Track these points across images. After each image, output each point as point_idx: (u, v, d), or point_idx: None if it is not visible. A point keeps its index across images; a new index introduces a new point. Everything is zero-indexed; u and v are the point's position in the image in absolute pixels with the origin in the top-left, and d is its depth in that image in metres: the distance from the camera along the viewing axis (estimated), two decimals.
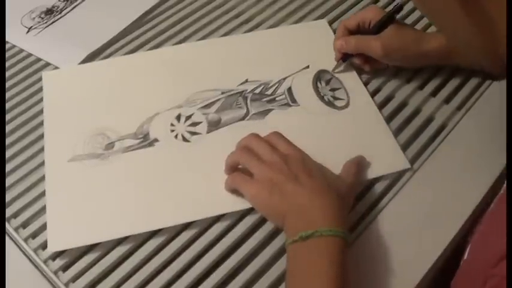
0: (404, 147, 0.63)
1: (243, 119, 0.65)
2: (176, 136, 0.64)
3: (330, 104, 0.67)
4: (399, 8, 0.67)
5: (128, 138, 0.63)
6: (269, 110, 0.66)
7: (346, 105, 0.67)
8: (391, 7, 0.68)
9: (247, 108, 0.66)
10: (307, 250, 0.50)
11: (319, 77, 0.69)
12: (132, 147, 0.62)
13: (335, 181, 0.56)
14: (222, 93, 0.68)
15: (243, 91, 0.68)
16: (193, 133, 0.64)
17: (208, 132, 0.64)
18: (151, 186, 0.59)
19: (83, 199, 0.58)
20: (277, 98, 0.67)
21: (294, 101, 0.67)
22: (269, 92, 0.68)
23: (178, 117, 0.65)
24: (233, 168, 0.58)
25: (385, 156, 0.62)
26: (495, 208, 0.52)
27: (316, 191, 0.53)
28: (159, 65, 0.71)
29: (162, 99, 0.67)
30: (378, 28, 0.66)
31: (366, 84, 0.69)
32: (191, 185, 0.59)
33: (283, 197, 0.53)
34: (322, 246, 0.49)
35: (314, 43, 0.74)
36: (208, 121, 0.65)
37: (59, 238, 0.55)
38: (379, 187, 0.60)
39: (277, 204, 0.53)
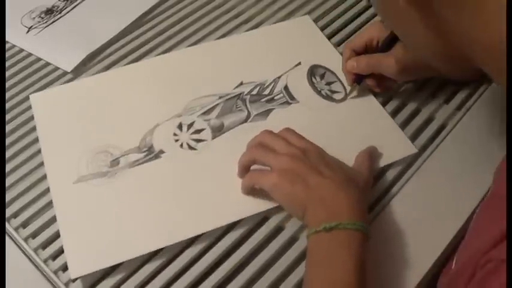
0: None
1: (245, 121, 0.65)
2: (181, 145, 0.63)
3: (328, 97, 0.67)
4: None
5: (133, 153, 0.62)
6: (270, 110, 0.66)
7: (344, 98, 0.67)
8: None
9: (248, 110, 0.66)
10: (328, 241, 0.50)
11: (313, 72, 0.70)
12: (138, 162, 0.61)
13: (354, 175, 0.56)
14: (220, 97, 0.67)
15: (240, 94, 0.68)
16: (198, 140, 0.63)
17: (213, 138, 0.63)
18: (165, 199, 0.58)
19: (96, 220, 0.57)
20: (275, 97, 0.67)
21: (292, 98, 0.67)
22: (266, 92, 0.68)
23: (180, 126, 0.64)
24: (247, 168, 0.58)
25: (391, 144, 0.62)
26: (483, 208, 0.52)
27: (339, 183, 0.53)
28: (150, 76, 0.70)
29: (160, 110, 0.65)
30: (387, 45, 0.63)
31: None
32: (205, 193, 0.58)
33: (306, 188, 0.53)
34: (343, 239, 0.50)
35: (301, 39, 0.74)
36: (211, 127, 0.64)
37: (79, 263, 0.54)
38: (379, 187, 0.60)
39: (299, 194, 0.53)
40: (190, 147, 0.62)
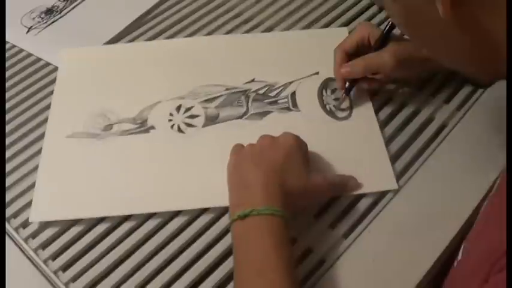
0: (404, 147, 0.63)
1: (240, 117, 0.66)
2: (172, 126, 0.65)
3: (331, 113, 0.66)
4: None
5: (126, 122, 0.65)
6: (268, 112, 0.66)
7: (348, 117, 0.66)
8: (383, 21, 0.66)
9: (247, 107, 0.66)
10: (246, 228, 0.51)
11: (326, 84, 0.69)
12: (128, 131, 0.64)
13: (298, 176, 0.55)
14: (226, 89, 0.68)
15: (246, 90, 0.68)
16: (189, 125, 0.65)
17: (203, 126, 0.65)
18: (142, 171, 0.61)
19: (74, 175, 0.61)
20: (279, 101, 0.67)
21: (295, 105, 0.67)
22: (272, 94, 0.68)
23: (178, 108, 0.66)
24: None
25: (374, 175, 0.60)
26: (489, 205, 0.51)
27: (265, 172, 0.53)
28: (169, 55, 0.72)
29: (167, 89, 0.68)
30: (382, 42, 0.63)
31: None
32: (180, 175, 0.60)
33: (238, 171, 0.55)
34: (260, 225, 0.51)
35: (329, 50, 0.68)
36: (207, 115, 0.66)
37: (42, 210, 0.57)
38: None
39: (232, 176, 0.56)
40: (180, 130, 0.64)
